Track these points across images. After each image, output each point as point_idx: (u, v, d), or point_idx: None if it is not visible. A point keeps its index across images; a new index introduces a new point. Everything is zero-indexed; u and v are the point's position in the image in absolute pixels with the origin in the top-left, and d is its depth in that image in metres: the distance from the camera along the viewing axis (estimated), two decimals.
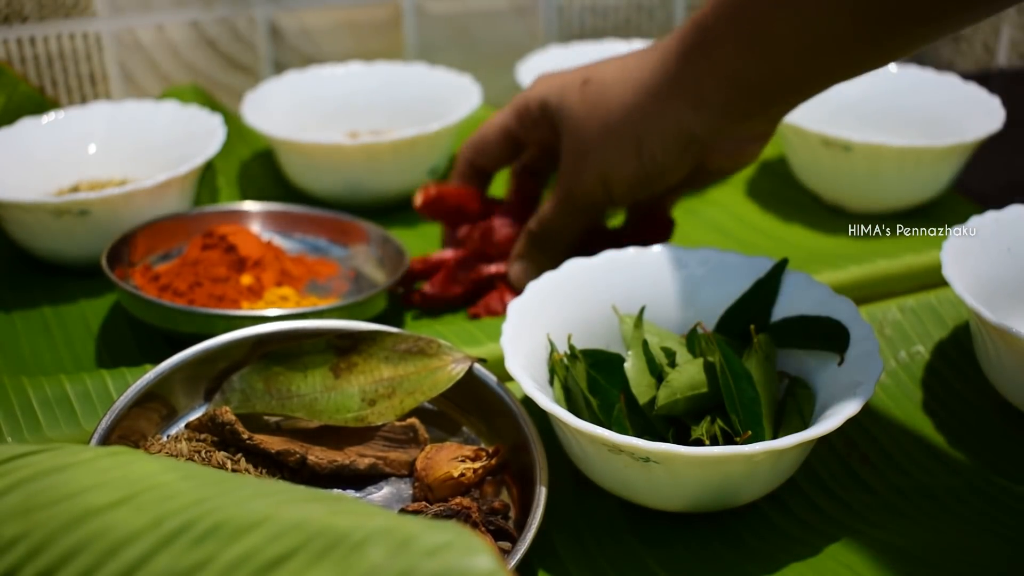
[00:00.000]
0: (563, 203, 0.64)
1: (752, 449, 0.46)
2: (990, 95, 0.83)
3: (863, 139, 0.77)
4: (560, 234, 0.65)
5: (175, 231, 0.73)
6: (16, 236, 0.74)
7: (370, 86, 0.92)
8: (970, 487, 0.55)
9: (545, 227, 0.65)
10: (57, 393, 0.57)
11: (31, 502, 0.33)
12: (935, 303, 0.66)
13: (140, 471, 0.34)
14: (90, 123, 0.82)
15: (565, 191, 0.63)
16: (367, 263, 0.73)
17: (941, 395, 0.61)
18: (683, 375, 0.52)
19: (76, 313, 0.71)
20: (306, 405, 0.53)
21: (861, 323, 0.53)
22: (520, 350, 0.52)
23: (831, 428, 0.47)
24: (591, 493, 0.53)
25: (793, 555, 0.50)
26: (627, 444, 0.46)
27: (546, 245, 0.66)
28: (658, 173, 0.60)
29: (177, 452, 0.50)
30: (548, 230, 0.65)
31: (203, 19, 0.95)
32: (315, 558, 0.30)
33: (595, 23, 1.09)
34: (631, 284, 0.59)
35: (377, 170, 0.80)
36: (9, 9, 0.89)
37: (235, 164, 0.89)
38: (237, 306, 0.65)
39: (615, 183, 0.61)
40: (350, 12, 1.00)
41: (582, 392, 0.52)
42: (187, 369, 0.54)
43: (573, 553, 0.51)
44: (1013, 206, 0.64)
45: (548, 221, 0.65)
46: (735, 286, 0.58)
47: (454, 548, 0.30)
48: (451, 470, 0.50)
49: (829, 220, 0.82)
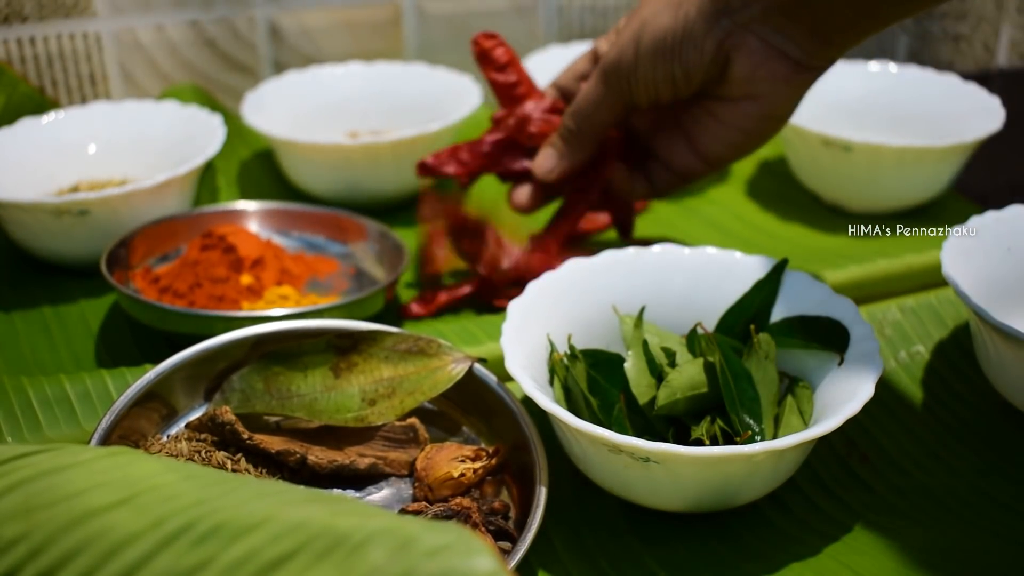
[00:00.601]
0: (597, 72, 0.63)
1: (752, 449, 0.46)
2: (990, 95, 0.83)
3: (863, 139, 0.77)
4: (591, 111, 0.64)
5: (174, 232, 0.73)
6: (16, 236, 0.74)
7: (370, 86, 0.92)
8: (970, 487, 0.55)
9: (579, 100, 0.64)
10: (57, 393, 0.57)
11: (32, 502, 0.33)
12: (935, 303, 0.66)
13: (141, 472, 0.34)
14: (90, 123, 0.82)
15: (602, 60, 0.63)
16: (366, 259, 0.73)
17: (941, 395, 0.61)
18: (683, 375, 0.52)
19: (76, 313, 0.71)
20: (306, 405, 0.53)
21: (861, 323, 0.53)
22: (520, 350, 0.52)
23: (831, 428, 0.47)
24: (591, 493, 0.53)
25: (793, 555, 0.50)
26: (627, 444, 0.46)
27: (578, 124, 0.64)
28: (686, 39, 0.58)
29: (177, 452, 0.50)
30: (581, 103, 0.64)
31: (203, 19, 0.95)
32: (316, 559, 0.30)
33: (595, 23, 1.09)
34: (631, 284, 0.59)
35: (377, 170, 0.80)
36: (9, 9, 0.89)
37: (235, 164, 0.89)
38: (237, 306, 0.66)
39: (645, 40, 0.59)
40: (350, 12, 1.00)
41: (582, 392, 0.52)
42: (187, 369, 0.54)
43: (573, 553, 0.51)
44: (1013, 206, 0.64)
45: (583, 93, 0.64)
46: (735, 286, 0.58)
47: (455, 549, 0.30)
48: (451, 470, 0.50)
49: (829, 220, 0.82)
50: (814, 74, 0.58)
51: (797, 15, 0.55)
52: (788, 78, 0.58)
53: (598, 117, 0.64)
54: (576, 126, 0.64)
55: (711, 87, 0.60)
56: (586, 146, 0.64)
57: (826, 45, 0.56)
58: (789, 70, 0.58)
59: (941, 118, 0.85)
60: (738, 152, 0.63)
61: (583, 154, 0.65)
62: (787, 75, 0.58)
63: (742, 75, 0.58)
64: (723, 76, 0.59)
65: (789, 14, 0.55)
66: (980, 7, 1.15)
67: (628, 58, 0.60)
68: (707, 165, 0.65)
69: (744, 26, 0.57)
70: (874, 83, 0.89)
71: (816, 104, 0.87)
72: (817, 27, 0.55)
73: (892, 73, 0.90)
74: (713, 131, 0.62)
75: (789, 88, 0.59)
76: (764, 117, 0.60)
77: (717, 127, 0.62)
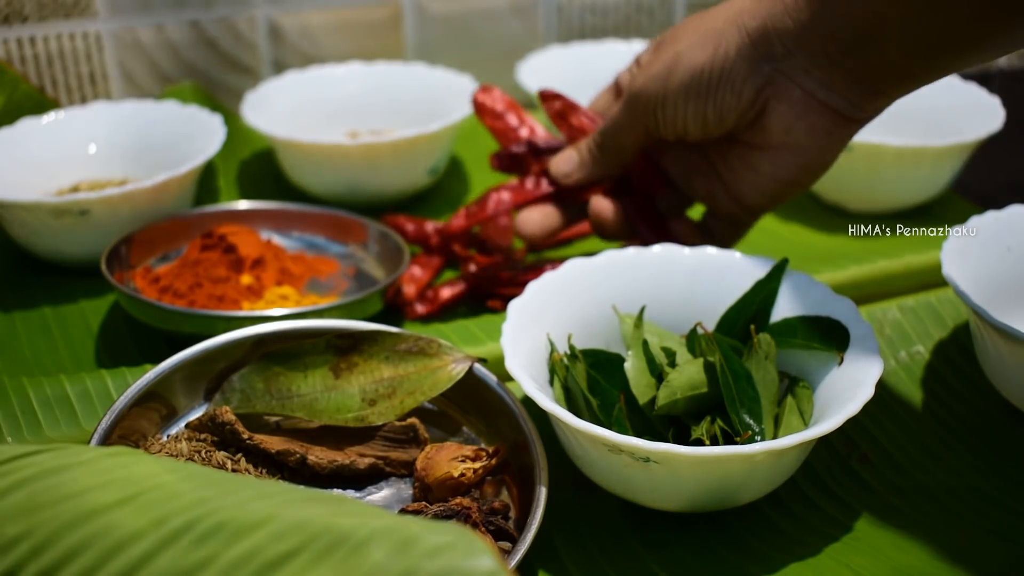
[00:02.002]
0: (624, 98, 0.62)
1: (752, 449, 0.46)
2: (990, 95, 0.83)
3: (863, 139, 0.77)
4: (615, 134, 0.63)
5: (174, 232, 0.73)
6: (16, 236, 0.74)
7: (370, 86, 0.92)
8: (970, 487, 0.55)
9: (606, 122, 0.63)
10: (57, 393, 0.57)
11: (33, 501, 0.33)
12: (935, 303, 0.66)
13: (142, 471, 0.34)
14: (90, 123, 0.82)
15: (630, 87, 0.61)
16: (366, 259, 0.73)
17: (941, 395, 0.61)
18: (683, 375, 0.52)
19: (76, 313, 0.71)
20: (306, 405, 0.53)
21: (861, 323, 0.53)
22: (520, 350, 0.52)
23: (832, 428, 0.47)
24: (591, 493, 0.53)
25: (793, 555, 0.50)
26: (627, 444, 0.46)
27: (603, 143, 0.64)
28: (723, 80, 0.55)
29: (177, 452, 0.50)
30: (607, 126, 0.63)
31: (203, 19, 0.95)
32: (317, 558, 0.30)
33: (595, 23, 1.09)
34: (631, 284, 0.59)
35: (377, 170, 0.80)
36: (9, 9, 0.89)
37: (235, 164, 0.89)
38: (237, 306, 0.66)
39: (678, 74, 0.56)
40: (350, 12, 1.00)
41: (582, 392, 0.52)
42: (187, 369, 0.54)
43: (573, 553, 0.51)
44: (1013, 206, 0.64)
45: (609, 115, 0.63)
46: (735, 286, 0.58)
47: (455, 548, 0.30)
48: (451, 470, 0.50)
49: (829, 220, 0.82)
50: (858, 125, 0.55)
51: (845, 65, 0.52)
52: (830, 131, 0.54)
53: (621, 140, 0.63)
54: (601, 143, 0.64)
55: (743, 131, 0.58)
56: (607, 164, 0.64)
57: (873, 96, 0.53)
58: (831, 122, 0.54)
59: (941, 118, 0.85)
60: (776, 201, 0.60)
61: (602, 171, 0.65)
62: (829, 128, 0.54)
63: (780, 125, 0.55)
64: (758, 122, 0.56)
65: (837, 64, 0.52)
66: None
67: (657, 90, 0.58)
68: (748, 214, 0.62)
69: (786, 74, 0.54)
70: None
71: None
72: (866, 77, 0.52)
73: None
74: (749, 180, 0.59)
75: (830, 140, 0.55)
76: (802, 168, 0.57)
77: (753, 176, 0.59)
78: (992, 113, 0.81)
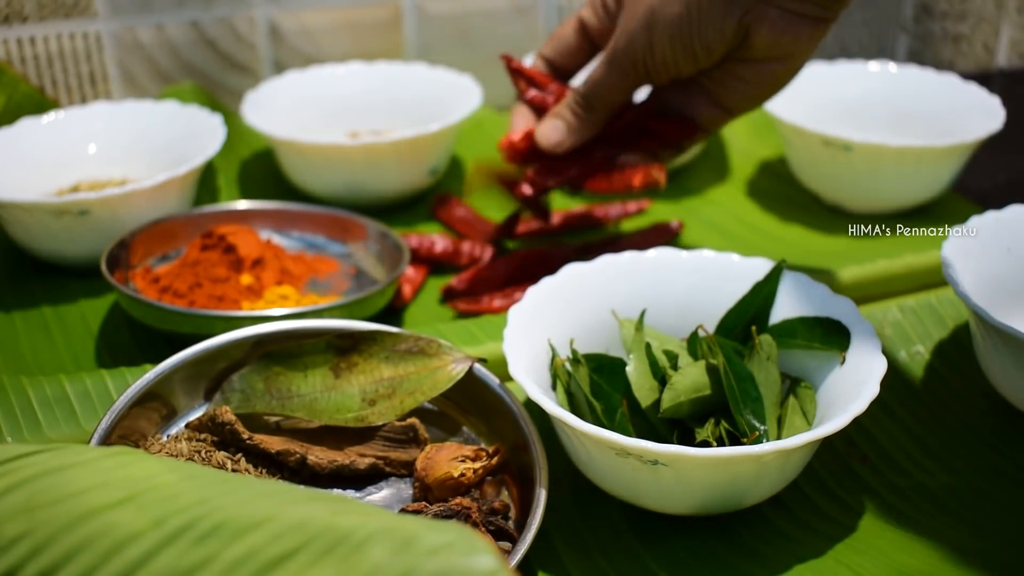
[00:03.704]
0: (608, 57, 0.63)
1: (762, 449, 0.46)
2: (990, 95, 0.83)
3: (863, 139, 0.77)
4: (603, 94, 0.64)
5: (174, 232, 0.73)
6: (16, 236, 0.74)
7: (370, 86, 0.92)
8: (970, 487, 0.55)
9: (591, 84, 0.64)
10: (57, 393, 0.57)
11: (33, 501, 0.33)
12: (935, 303, 0.66)
13: (142, 471, 0.34)
14: (90, 123, 0.82)
15: (611, 46, 0.62)
16: (366, 259, 0.73)
17: (941, 395, 0.61)
18: (686, 377, 0.52)
19: (76, 313, 0.71)
20: (306, 405, 0.53)
21: (862, 322, 0.53)
22: (523, 355, 0.52)
23: (839, 427, 0.47)
24: (591, 493, 0.53)
25: (793, 555, 0.50)
26: (636, 447, 0.46)
27: (590, 104, 0.64)
28: (701, 21, 0.58)
29: (177, 452, 0.50)
30: (593, 88, 0.64)
31: (203, 19, 0.95)
32: (317, 557, 0.30)
33: None
34: (630, 288, 0.59)
35: (377, 170, 0.80)
36: (9, 9, 0.89)
37: (235, 164, 0.89)
38: (237, 306, 0.66)
39: (658, 27, 0.59)
40: (350, 12, 1.00)
41: (585, 396, 0.52)
42: (187, 369, 0.54)
43: (573, 553, 0.51)
44: (1013, 206, 0.64)
45: (594, 78, 0.64)
46: (734, 288, 0.58)
47: (456, 548, 0.30)
48: (451, 470, 0.50)
49: (829, 220, 0.82)
50: (830, 24, 0.59)
51: None
52: (811, 35, 0.59)
53: (611, 98, 0.64)
54: (588, 104, 0.64)
55: (733, 53, 0.60)
56: (597, 123, 0.65)
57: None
58: (811, 27, 0.58)
59: (941, 118, 0.85)
60: (760, 102, 0.64)
61: (593, 131, 0.65)
62: (810, 32, 0.58)
63: (765, 43, 0.59)
64: (745, 44, 0.59)
65: None
66: (980, 7, 1.15)
67: (641, 43, 0.60)
68: (730, 115, 0.65)
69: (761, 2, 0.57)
70: (874, 83, 0.89)
71: (816, 104, 0.87)
72: None
73: (892, 73, 0.90)
74: (737, 89, 0.63)
75: (811, 42, 0.59)
76: (790, 72, 0.61)
77: (740, 85, 0.62)
78: (992, 113, 0.81)
